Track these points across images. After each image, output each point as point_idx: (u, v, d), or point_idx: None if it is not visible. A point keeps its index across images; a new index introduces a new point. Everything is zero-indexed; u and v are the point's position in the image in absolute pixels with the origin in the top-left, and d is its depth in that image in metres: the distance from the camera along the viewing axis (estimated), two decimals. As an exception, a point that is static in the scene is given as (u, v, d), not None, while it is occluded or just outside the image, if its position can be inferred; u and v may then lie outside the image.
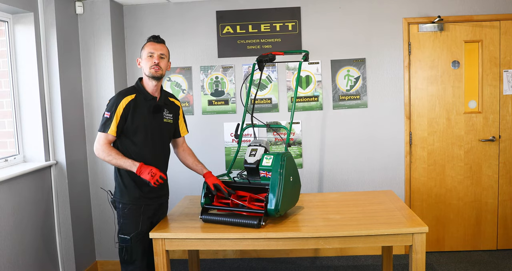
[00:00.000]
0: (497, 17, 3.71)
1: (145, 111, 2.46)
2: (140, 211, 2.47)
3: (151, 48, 2.46)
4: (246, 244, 2.30)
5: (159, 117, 2.53)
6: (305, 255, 3.96)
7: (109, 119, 2.38)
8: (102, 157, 2.40)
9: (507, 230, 3.89)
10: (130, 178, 2.45)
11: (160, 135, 2.54)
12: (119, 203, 2.49)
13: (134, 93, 2.45)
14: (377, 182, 3.89)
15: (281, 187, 2.32)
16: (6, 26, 3.12)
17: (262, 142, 2.59)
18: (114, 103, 2.40)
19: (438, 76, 3.80)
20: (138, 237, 2.45)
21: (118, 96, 2.43)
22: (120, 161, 2.38)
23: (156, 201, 2.55)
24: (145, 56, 2.46)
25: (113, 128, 2.38)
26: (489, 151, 3.83)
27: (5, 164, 3.03)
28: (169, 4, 3.84)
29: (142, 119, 2.45)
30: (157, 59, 2.45)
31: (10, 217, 2.83)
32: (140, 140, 2.45)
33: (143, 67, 2.47)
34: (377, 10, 3.77)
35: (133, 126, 2.42)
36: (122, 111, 2.38)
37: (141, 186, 2.46)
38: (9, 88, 3.17)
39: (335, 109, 3.86)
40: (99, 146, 2.41)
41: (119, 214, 2.50)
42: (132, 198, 2.46)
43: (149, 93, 2.48)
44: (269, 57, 2.82)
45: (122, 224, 2.48)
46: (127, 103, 2.40)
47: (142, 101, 2.46)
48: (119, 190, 2.49)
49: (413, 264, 2.26)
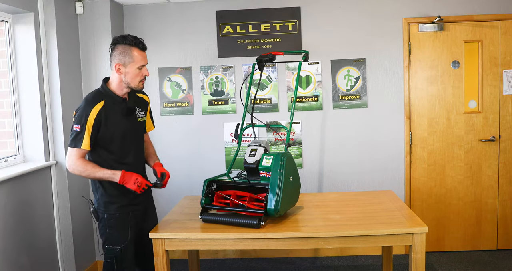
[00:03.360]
0: (497, 17, 3.71)
1: (118, 117, 2.31)
2: (128, 218, 2.37)
3: (141, 60, 2.28)
4: (246, 244, 2.30)
5: (133, 118, 2.40)
6: (305, 255, 3.96)
7: (79, 133, 2.20)
8: (78, 173, 2.23)
9: (507, 230, 3.89)
10: (113, 187, 2.31)
11: (136, 137, 2.43)
12: (103, 213, 2.34)
13: (102, 99, 2.27)
14: (377, 182, 3.89)
15: (281, 187, 2.32)
16: (6, 26, 3.13)
17: (262, 141, 2.58)
18: (83, 115, 2.21)
19: (438, 76, 3.80)
20: (127, 245, 2.35)
21: (86, 106, 2.23)
22: (98, 174, 2.23)
23: (142, 205, 2.46)
24: (134, 68, 2.26)
25: (86, 142, 2.21)
26: (489, 151, 3.83)
27: (5, 164, 3.03)
28: (169, 4, 3.84)
29: (117, 126, 2.30)
30: (147, 72, 2.31)
31: (10, 217, 2.83)
32: (117, 148, 2.31)
33: (128, 78, 2.28)
34: (377, 10, 3.77)
35: (107, 135, 2.27)
36: (93, 122, 2.20)
37: (127, 194, 2.33)
38: (9, 88, 3.17)
39: (335, 109, 3.86)
40: (72, 162, 2.22)
41: (104, 225, 2.35)
42: (119, 206, 2.34)
43: (118, 96, 2.32)
44: (269, 57, 2.82)
45: (108, 234, 2.33)
46: (97, 113, 2.22)
47: (111, 106, 2.29)
48: (103, 201, 2.34)
49: (413, 264, 2.26)
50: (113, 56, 2.29)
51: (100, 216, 2.36)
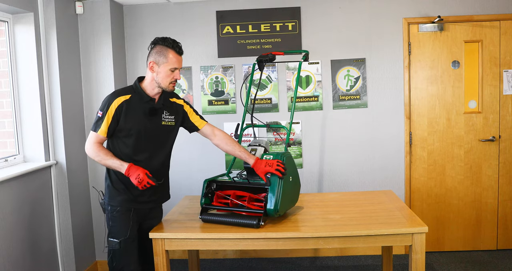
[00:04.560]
0: (497, 17, 3.71)
1: (140, 114, 2.34)
2: (129, 215, 2.38)
3: (175, 63, 2.32)
4: (245, 244, 2.30)
5: (157, 120, 2.40)
6: (305, 255, 3.96)
7: (100, 119, 2.28)
8: (92, 156, 2.33)
9: (507, 230, 3.89)
10: (119, 180, 2.36)
11: (156, 138, 2.41)
12: (108, 205, 2.40)
13: (130, 93, 2.33)
14: (377, 182, 3.89)
15: (280, 187, 2.32)
16: (6, 26, 3.13)
17: (261, 142, 2.59)
18: (106, 103, 2.29)
19: (438, 76, 3.80)
20: (127, 242, 2.36)
21: (112, 95, 2.31)
22: (108, 161, 2.29)
23: (145, 205, 2.44)
24: (167, 68, 2.30)
25: (103, 129, 2.28)
26: (489, 151, 3.83)
27: (5, 164, 3.03)
28: (169, 4, 3.85)
29: (136, 122, 2.32)
30: (179, 76, 2.35)
31: (10, 217, 2.83)
32: (132, 143, 2.34)
33: (159, 78, 2.32)
34: (377, 10, 3.77)
35: (126, 129, 2.31)
36: (113, 112, 2.27)
37: (131, 189, 2.36)
38: (9, 88, 3.17)
39: (335, 109, 3.86)
40: (89, 145, 2.32)
41: (108, 217, 2.42)
42: (121, 200, 2.37)
43: (146, 95, 2.35)
44: (269, 57, 2.82)
45: (111, 227, 2.39)
46: (119, 104, 2.28)
47: (137, 102, 2.33)
48: (108, 191, 2.40)
49: (413, 264, 2.26)
50: (150, 55, 2.35)
51: (106, 208, 2.42)
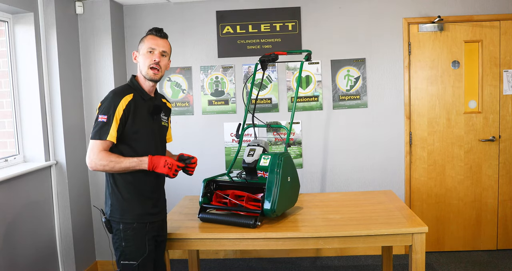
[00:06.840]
0: (497, 17, 3.70)
1: (145, 113, 2.14)
2: (145, 230, 2.12)
3: (152, 43, 2.12)
4: (245, 244, 2.30)
5: (158, 120, 2.23)
6: (305, 255, 3.96)
7: (106, 124, 2.01)
8: (101, 167, 2.02)
9: (507, 230, 3.88)
10: (130, 190, 2.11)
11: (160, 140, 2.25)
12: (118, 224, 2.10)
13: (131, 92, 2.12)
14: (377, 182, 3.89)
15: (278, 187, 2.32)
16: (6, 26, 3.13)
17: (261, 142, 2.59)
18: (111, 105, 2.03)
19: (438, 76, 3.80)
20: (145, 261, 2.11)
21: (114, 96, 2.07)
22: (125, 163, 2.03)
23: (159, 216, 2.22)
24: (144, 51, 2.12)
25: (113, 134, 2.02)
26: (489, 151, 3.82)
27: (5, 164, 3.03)
28: (169, 4, 3.85)
29: (143, 123, 2.12)
30: (158, 57, 2.12)
31: (10, 217, 2.83)
32: (141, 147, 2.11)
33: (140, 64, 2.15)
34: (377, 10, 3.77)
35: (132, 132, 2.09)
36: (122, 114, 2.03)
37: (145, 200, 2.14)
38: (9, 88, 3.18)
39: (335, 109, 3.85)
40: (94, 155, 2.01)
41: (118, 237, 2.10)
42: (136, 215, 2.10)
43: (146, 93, 2.17)
44: (272, 57, 2.81)
45: (124, 248, 2.09)
46: (127, 104, 2.05)
47: (140, 101, 2.13)
48: (119, 207, 2.10)
49: (413, 264, 2.26)
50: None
51: (115, 227, 2.11)
